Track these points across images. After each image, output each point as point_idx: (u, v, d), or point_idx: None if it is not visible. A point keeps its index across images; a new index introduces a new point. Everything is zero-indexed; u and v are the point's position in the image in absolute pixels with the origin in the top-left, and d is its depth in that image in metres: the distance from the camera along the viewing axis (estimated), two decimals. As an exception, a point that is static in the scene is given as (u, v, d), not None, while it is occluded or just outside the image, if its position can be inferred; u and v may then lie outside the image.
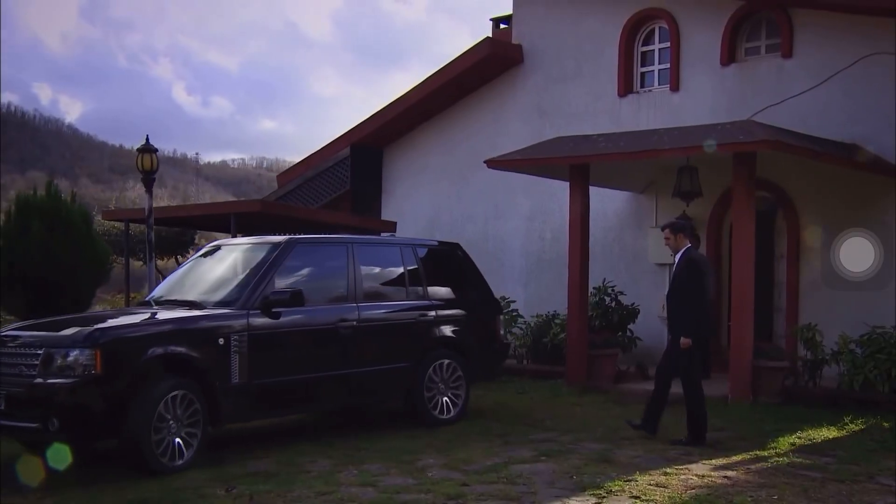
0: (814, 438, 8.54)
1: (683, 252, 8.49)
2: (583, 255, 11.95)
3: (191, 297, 8.22)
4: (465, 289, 10.01)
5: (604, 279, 13.09)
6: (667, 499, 6.30)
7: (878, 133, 11.76)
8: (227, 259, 8.84)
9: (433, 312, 9.38)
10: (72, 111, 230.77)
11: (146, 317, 7.68)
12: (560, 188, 13.09)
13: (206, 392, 7.36)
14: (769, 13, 12.96)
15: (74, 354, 6.78)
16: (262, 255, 8.36)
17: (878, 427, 8.99)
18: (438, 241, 10.65)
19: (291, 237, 8.69)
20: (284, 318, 8.00)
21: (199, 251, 9.59)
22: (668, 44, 13.87)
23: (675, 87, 13.73)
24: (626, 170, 12.59)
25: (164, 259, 21.86)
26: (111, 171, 69.65)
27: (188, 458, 7.15)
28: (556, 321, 12.82)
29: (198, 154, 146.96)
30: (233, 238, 11.93)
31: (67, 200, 13.12)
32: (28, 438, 7.30)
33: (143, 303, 8.96)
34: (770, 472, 7.13)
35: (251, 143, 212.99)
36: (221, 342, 7.51)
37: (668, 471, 7.11)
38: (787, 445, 8.19)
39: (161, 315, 7.76)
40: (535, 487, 6.58)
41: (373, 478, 6.86)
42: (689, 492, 6.48)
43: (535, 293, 14.83)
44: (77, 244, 12.63)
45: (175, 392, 7.11)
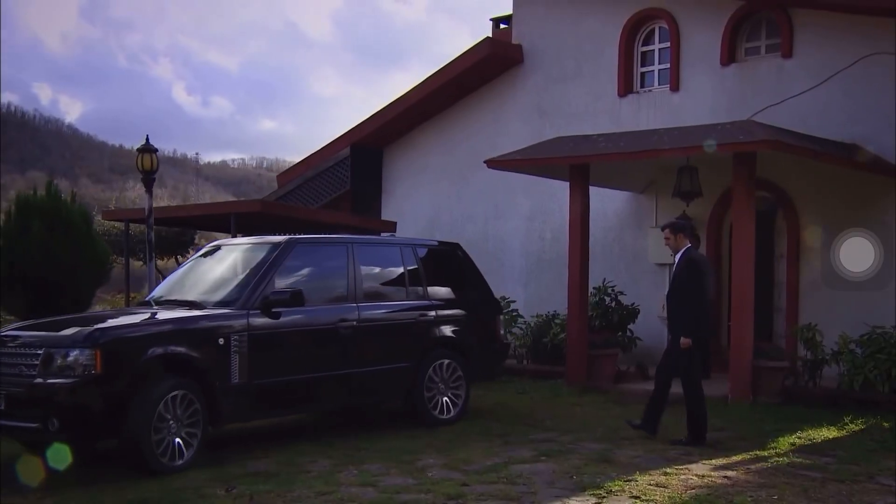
0: (814, 438, 8.53)
1: (683, 252, 8.49)
2: (583, 255, 11.95)
3: (191, 297, 8.22)
4: (465, 289, 10.01)
5: (604, 279, 13.09)
6: (667, 499, 6.30)
7: (878, 133, 11.77)
8: (227, 259, 8.84)
9: (433, 312, 9.38)
10: (72, 111, 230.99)
11: (146, 317, 7.68)
12: (560, 188, 13.09)
13: (206, 392, 7.36)
14: (769, 13, 12.96)
15: (74, 354, 6.79)
16: (262, 255, 8.36)
17: (878, 427, 8.99)
18: (438, 241, 10.65)
19: (291, 237, 8.69)
20: (284, 318, 8.00)
21: (199, 251, 9.59)
22: (668, 44, 13.87)
23: (675, 87, 13.73)
24: (626, 170, 12.59)
25: (164, 259, 21.88)
26: (111, 171, 69.67)
27: (188, 458, 7.15)
28: (556, 321, 12.82)
29: (198, 154, 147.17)
30: (233, 238, 11.93)
31: (67, 200, 13.12)
32: (28, 438, 7.29)
33: (143, 303, 8.96)
34: (770, 472, 7.13)
35: (251, 143, 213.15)
36: (221, 342, 7.51)
37: (668, 471, 7.11)
38: (787, 445, 8.19)
39: (161, 315, 7.76)
40: (535, 487, 6.58)
41: (373, 478, 6.86)
42: (689, 492, 6.48)
43: (535, 293, 14.84)
44: (77, 244, 12.63)
45: (175, 392, 7.11)
